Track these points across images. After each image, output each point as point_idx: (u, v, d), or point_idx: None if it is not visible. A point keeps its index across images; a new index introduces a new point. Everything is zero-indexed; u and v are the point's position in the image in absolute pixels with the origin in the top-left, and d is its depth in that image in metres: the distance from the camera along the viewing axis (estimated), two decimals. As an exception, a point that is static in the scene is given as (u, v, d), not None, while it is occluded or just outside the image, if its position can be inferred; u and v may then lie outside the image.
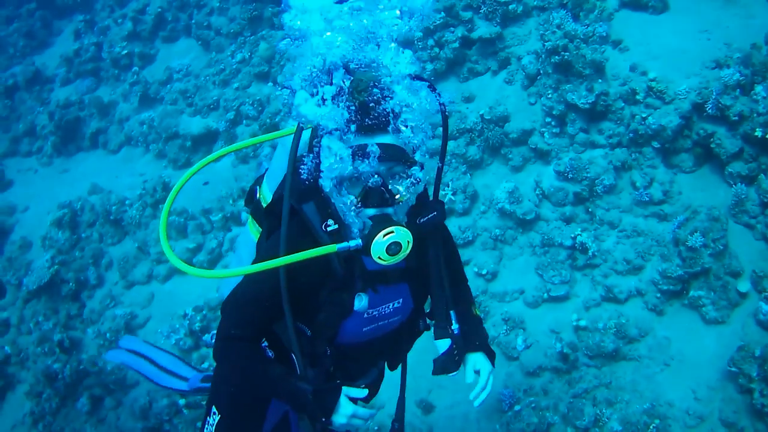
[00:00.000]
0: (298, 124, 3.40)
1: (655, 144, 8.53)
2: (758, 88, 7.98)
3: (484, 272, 8.86)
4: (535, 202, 9.00)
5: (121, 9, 16.19)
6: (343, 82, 3.23)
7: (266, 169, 3.98)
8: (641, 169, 8.63)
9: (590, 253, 8.40)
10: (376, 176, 3.19)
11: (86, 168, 14.19)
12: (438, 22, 10.54)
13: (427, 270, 3.76)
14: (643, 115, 8.54)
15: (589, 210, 8.72)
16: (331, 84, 3.25)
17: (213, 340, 9.36)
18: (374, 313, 3.67)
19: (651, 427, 7.10)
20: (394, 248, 3.20)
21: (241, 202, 11.13)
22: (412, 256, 3.38)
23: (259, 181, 4.05)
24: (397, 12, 3.41)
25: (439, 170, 3.79)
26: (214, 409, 4.34)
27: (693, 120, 8.41)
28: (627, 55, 9.32)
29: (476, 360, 3.94)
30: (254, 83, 12.89)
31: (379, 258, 3.22)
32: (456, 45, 10.49)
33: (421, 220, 3.51)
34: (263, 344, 3.90)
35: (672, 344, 7.72)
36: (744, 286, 7.65)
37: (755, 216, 7.89)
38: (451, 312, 3.89)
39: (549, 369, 7.94)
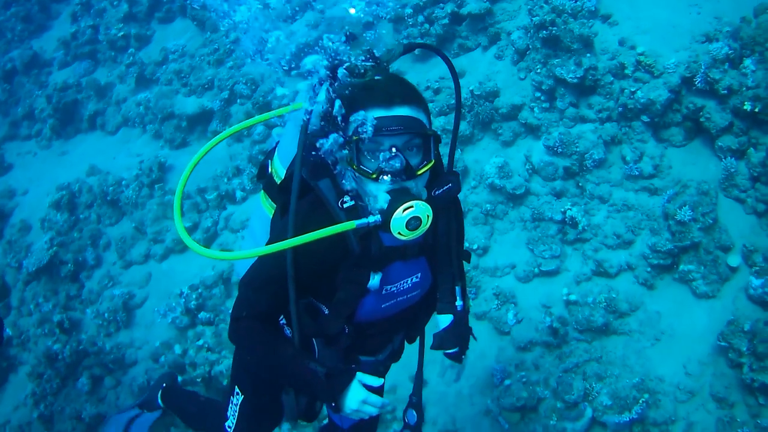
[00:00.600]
0: (308, 102, 3.24)
1: (645, 118, 8.38)
2: (747, 62, 7.85)
3: (475, 247, 8.74)
4: (525, 177, 8.86)
5: (118, -11, 16.00)
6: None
7: (277, 143, 3.89)
8: (631, 143, 8.49)
9: (580, 228, 8.27)
10: (394, 149, 3.10)
11: (85, 150, 14.06)
12: (424, -2, 10.40)
13: (438, 243, 3.67)
14: (632, 90, 8.38)
15: (580, 184, 8.59)
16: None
17: (215, 318, 9.59)
18: (393, 289, 3.57)
19: (640, 401, 6.99)
20: (414, 223, 3.10)
21: (236, 181, 11.21)
22: (429, 231, 3.34)
23: (270, 155, 3.95)
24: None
25: (453, 141, 3.71)
26: (237, 389, 4.32)
27: (682, 94, 8.27)
28: (616, 29, 9.16)
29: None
30: (248, 62, 12.76)
31: (399, 233, 3.12)
32: (446, 21, 10.31)
33: (437, 192, 3.38)
34: (281, 322, 3.82)
35: (662, 319, 7.63)
36: (734, 260, 7.55)
37: (745, 190, 7.78)
38: (457, 287, 3.79)
39: (540, 344, 7.84)
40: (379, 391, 3.77)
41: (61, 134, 14.68)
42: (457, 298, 3.79)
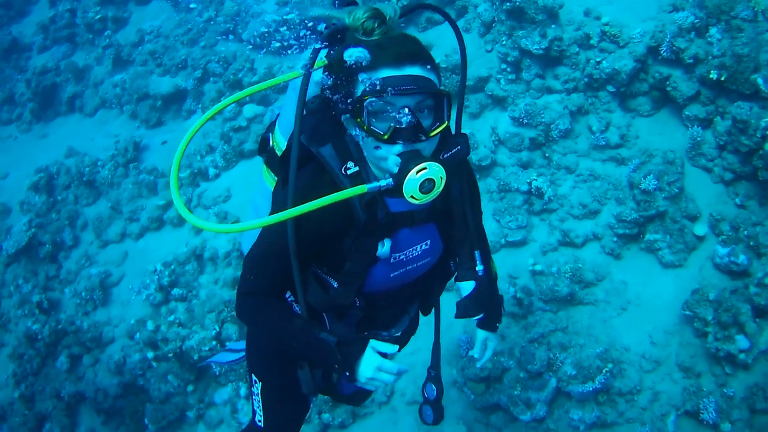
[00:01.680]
0: (309, 65, 2.96)
1: (611, 88, 8.16)
2: (712, 30, 7.66)
3: (442, 218, 8.47)
4: (491, 149, 8.61)
5: (95, -26, 15.84)
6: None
7: (278, 115, 3.63)
8: (597, 113, 8.29)
9: (546, 198, 8.05)
10: (406, 109, 2.84)
11: (64, 132, 13.93)
12: (384, -28, 10.11)
13: (451, 208, 3.44)
14: (598, 60, 8.17)
15: (546, 155, 8.37)
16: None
17: (187, 294, 9.48)
18: (401, 257, 3.35)
19: (604, 371, 6.81)
20: (427, 185, 2.86)
21: (209, 158, 11.11)
22: (439, 194, 3.05)
23: (271, 128, 3.72)
24: None
25: (460, 103, 3.44)
26: (254, 377, 4.10)
27: (648, 63, 8.06)
28: (583, 0, 8.90)
29: (489, 337, 3.98)
30: (221, 41, 12.66)
31: (412, 197, 2.88)
32: None
33: (445, 155, 3.14)
34: (289, 299, 3.54)
35: (629, 288, 7.45)
36: (701, 229, 7.36)
37: (712, 159, 7.58)
38: (476, 252, 3.54)
39: (506, 314, 7.57)
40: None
41: (41, 118, 14.54)
42: (478, 263, 3.54)
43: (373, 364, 3.05)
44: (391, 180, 2.90)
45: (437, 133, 2.95)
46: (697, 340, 6.86)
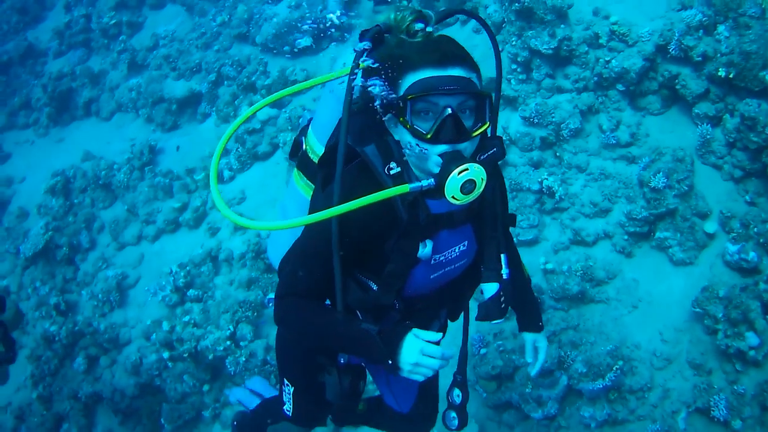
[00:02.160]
0: (354, 65, 2.97)
1: (620, 87, 8.09)
2: (720, 28, 7.55)
3: (453, 220, 8.44)
4: (503, 148, 8.51)
5: (110, -21, 15.89)
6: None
7: (310, 119, 3.63)
8: (608, 112, 8.21)
9: (557, 197, 8.00)
10: (449, 109, 2.80)
11: (80, 136, 13.95)
12: (406, -28, 10.12)
13: (484, 210, 3.41)
14: (607, 59, 8.09)
15: (557, 154, 8.31)
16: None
17: (203, 295, 9.56)
18: (441, 258, 3.31)
19: (614, 368, 6.76)
20: (468, 186, 2.82)
21: (224, 161, 11.14)
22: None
23: (303, 131, 3.69)
24: None
25: (496, 106, 3.37)
26: (285, 380, 4.10)
27: (657, 62, 7.98)
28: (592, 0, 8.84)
29: (537, 338, 3.93)
30: (235, 44, 12.69)
31: (453, 198, 2.84)
32: None
33: (482, 157, 3.09)
34: (326, 303, 3.47)
35: (640, 286, 7.38)
36: (711, 227, 7.27)
37: (722, 156, 7.49)
38: (503, 255, 3.48)
39: (518, 314, 7.58)
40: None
41: (58, 122, 14.55)
42: (503, 266, 3.48)
43: (416, 348, 2.98)
44: (432, 180, 2.88)
45: (479, 134, 2.94)
46: (708, 338, 6.79)
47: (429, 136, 2.82)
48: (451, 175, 2.79)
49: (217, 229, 10.44)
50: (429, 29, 2.95)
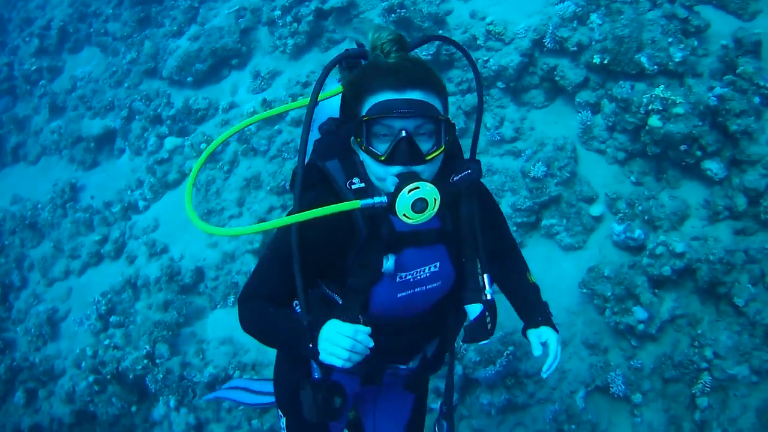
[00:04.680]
0: (317, 87, 2.94)
1: (501, 84, 7.92)
2: (593, 17, 7.43)
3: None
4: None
5: (29, 27, 15.59)
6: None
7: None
8: (491, 110, 7.99)
9: (444, 196, 7.63)
10: (403, 132, 2.73)
11: (10, 181, 13.68)
12: (291, -2, 10.01)
13: (461, 231, 3.19)
14: (485, 59, 7.90)
15: (443, 156, 7.96)
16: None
17: (124, 320, 9.32)
18: (408, 277, 3.10)
19: (505, 353, 6.44)
20: (420, 205, 2.70)
21: (138, 192, 10.92)
22: (448, 218, 3.08)
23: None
24: None
25: (477, 128, 3.31)
26: (279, 412, 3.80)
27: (536, 56, 7.83)
28: (470, 4, 8.73)
29: (541, 332, 3.38)
30: (144, 80, 12.39)
31: (405, 216, 2.72)
32: (311, 18, 9.82)
33: (455, 178, 2.99)
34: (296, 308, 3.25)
35: (533, 274, 6.99)
36: (597, 210, 7.05)
37: (604, 141, 7.31)
38: (486, 276, 3.19)
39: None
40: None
41: (-12, 170, 14.30)
42: (486, 286, 3.19)
43: (332, 328, 2.75)
44: (385, 198, 2.76)
45: (434, 157, 2.82)
46: (600, 317, 6.54)
47: (383, 158, 2.76)
48: (401, 193, 2.69)
49: (135, 257, 10.17)
50: (399, 53, 2.83)
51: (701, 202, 6.58)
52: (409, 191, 2.67)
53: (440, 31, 8.18)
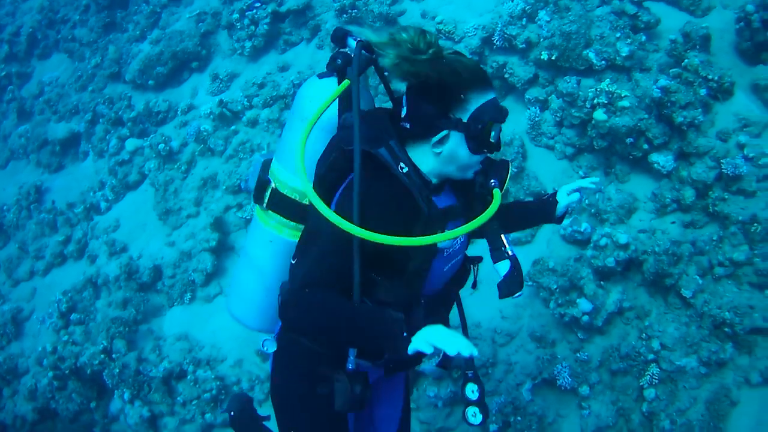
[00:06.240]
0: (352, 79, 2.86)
1: (450, 83, 7.51)
2: (541, 14, 7.18)
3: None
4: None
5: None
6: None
7: (267, 159, 3.43)
8: (440, 109, 7.61)
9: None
10: (501, 127, 2.96)
11: None
12: (249, 1, 9.74)
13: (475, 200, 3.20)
14: (435, 58, 7.51)
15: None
16: None
17: (84, 318, 9.08)
18: (451, 250, 3.14)
19: None
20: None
21: (99, 193, 10.63)
22: (461, 196, 3.11)
23: (265, 170, 3.40)
24: None
25: None
26: None
27: (485, 54, 7.57)
28: (423, 4, 8.50)
29: (560, 193, 3.62)
30: (109, 84, 12.12)
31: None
32: (268, 20, 9.61)
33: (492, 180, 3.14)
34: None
35: (479, 271, 6.69)
36: None
37: (553, 137, 7.11)
38: (504, 235, 3.28)
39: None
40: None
41: (-43, 174, 14.03)
42: (507, 244, 3.27)
43: (436, 331, 2.53)
44: (495, 180, 3.02)
45: None
46: (547, 311, 6.32)
47: (488, 152, 2.92)
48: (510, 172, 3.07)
49: (96, 257, 9.94)
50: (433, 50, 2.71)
51: (649, 195, 6.41)
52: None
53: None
